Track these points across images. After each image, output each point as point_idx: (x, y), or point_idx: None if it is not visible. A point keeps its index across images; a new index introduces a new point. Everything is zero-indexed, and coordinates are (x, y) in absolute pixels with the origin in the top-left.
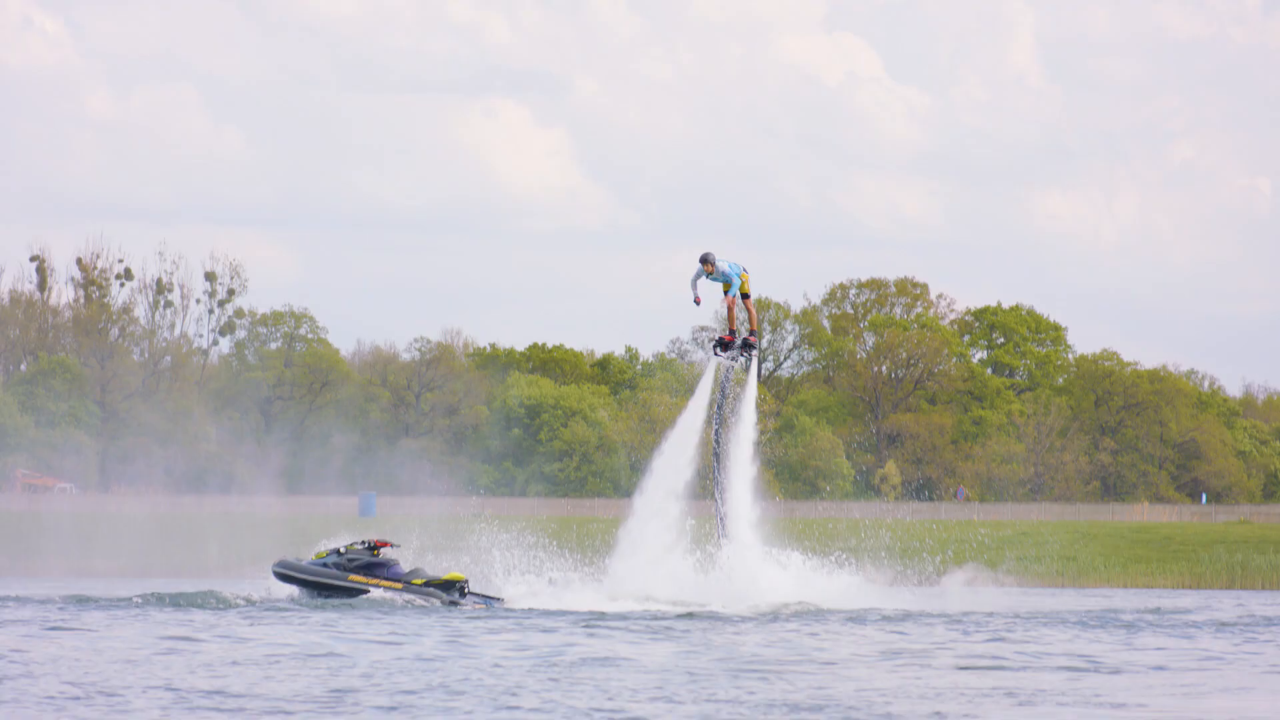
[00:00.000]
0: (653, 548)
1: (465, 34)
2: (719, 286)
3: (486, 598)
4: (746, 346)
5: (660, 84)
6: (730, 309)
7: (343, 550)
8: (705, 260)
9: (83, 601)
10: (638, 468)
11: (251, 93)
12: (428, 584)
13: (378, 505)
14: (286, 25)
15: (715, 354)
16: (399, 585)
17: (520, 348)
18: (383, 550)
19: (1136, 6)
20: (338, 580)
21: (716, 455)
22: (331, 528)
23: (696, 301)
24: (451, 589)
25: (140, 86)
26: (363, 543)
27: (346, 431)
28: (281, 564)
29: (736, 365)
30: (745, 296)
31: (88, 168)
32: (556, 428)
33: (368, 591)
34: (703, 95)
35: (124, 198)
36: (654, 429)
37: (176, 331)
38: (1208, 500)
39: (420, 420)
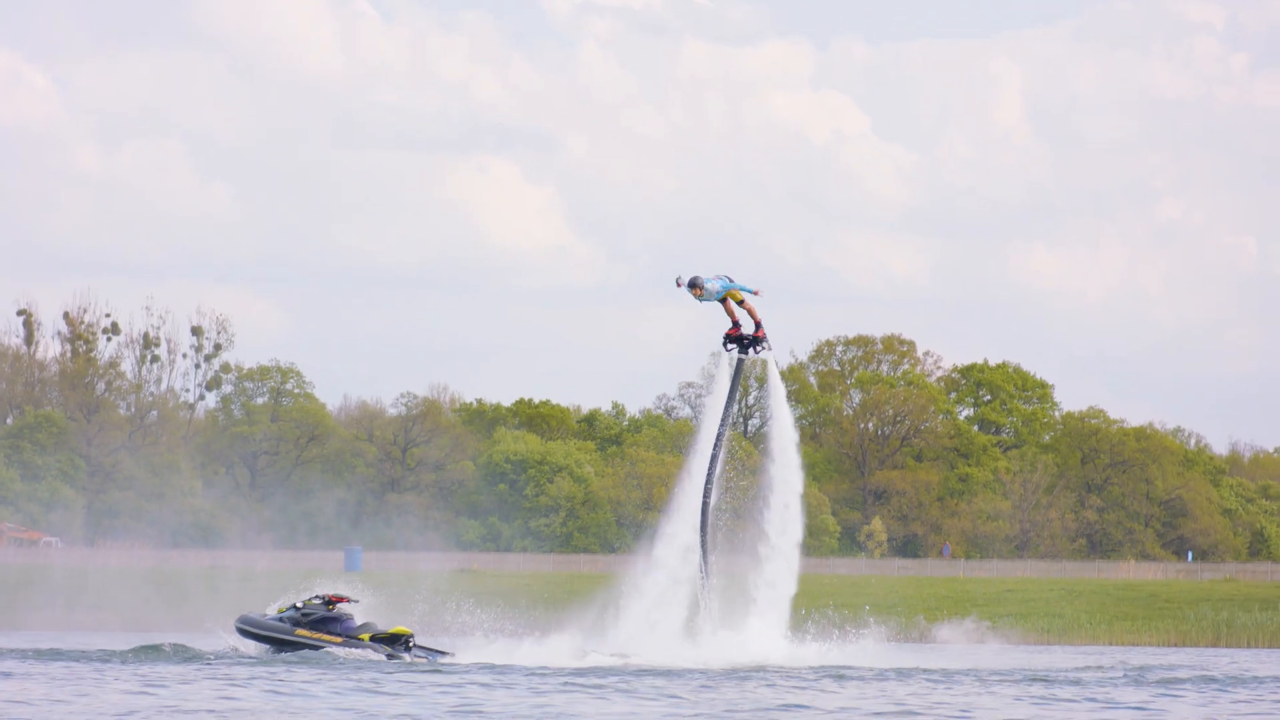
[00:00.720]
0: (648, 598)
1: (455, 91)
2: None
3: (432, 651)
4: (755, 343)
5: (649, 141)
6: (730, 312)
7: (300, 605)
8: (694, 285)
9: (56, 655)
10: (624, 523)
11: (240, 149)
12: (374, 638)
13: (364, 560)
14: (275, 82)
15: (725, 348)
16: (338, 639)
17: (507, 403)
18: (339, 605)
19: (1123, 65)
20: (286, 635)
21: (706, 502)
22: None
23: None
24: (397, 643)
25: (128, 142)
26: (319, 598)
27: (333, 486)
28: (242, 619)
29: (755, 357)
30: (741, 302)
31: (75, 222)
32: (543, 483)
33: (317, 647)
34: (691, 153)
35: (111, 252)
36: (641, 485)
37: (163, 386)
38: (1194, 558)
39: (407, 475)
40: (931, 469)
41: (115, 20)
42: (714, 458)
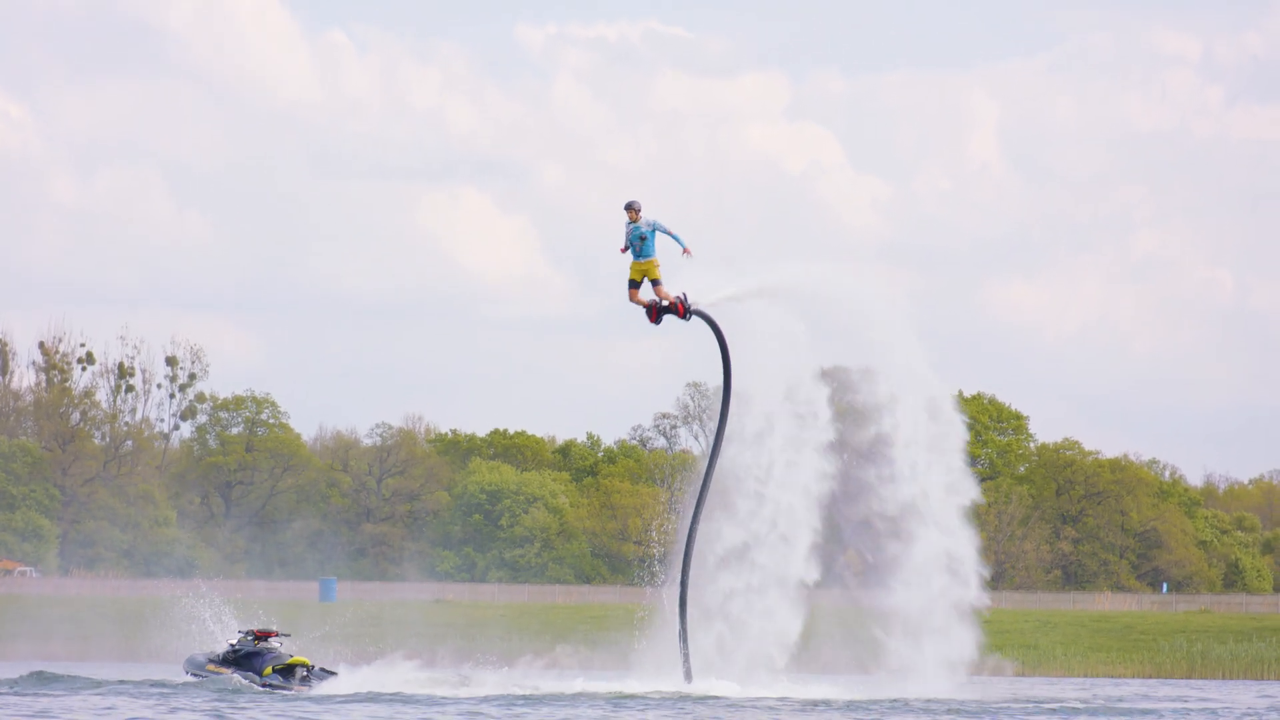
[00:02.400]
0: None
1: (429, 121)
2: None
3: (325, 671)
4: (669, 310)
5: (624, 172)
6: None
7: (234, 641)
8: (631, 207)
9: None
10: (599, 554)
11: (215, 178)
12: (274, 669)
13: (338, 590)
14: (250, 111)
15: (655, 322)
16: (227, 671)
17: (482, 433)
18: (270, 639)
19: (1099, 98)
20: (200, 672)
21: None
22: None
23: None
24: (290, 673)
25: (104, 171)
26: (248, 633)
27: (307, 517)
28: (187, 659)
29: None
30: (656, 283)
31: (50, 251)
32: (518, 514)
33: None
34: (666, 184)
35: (87, 282)
36: (616, 516)
37: (138, 416)
38: (1169, 590)
39: (381, 506)
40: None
41: (91, 49)
42: (704, 488)
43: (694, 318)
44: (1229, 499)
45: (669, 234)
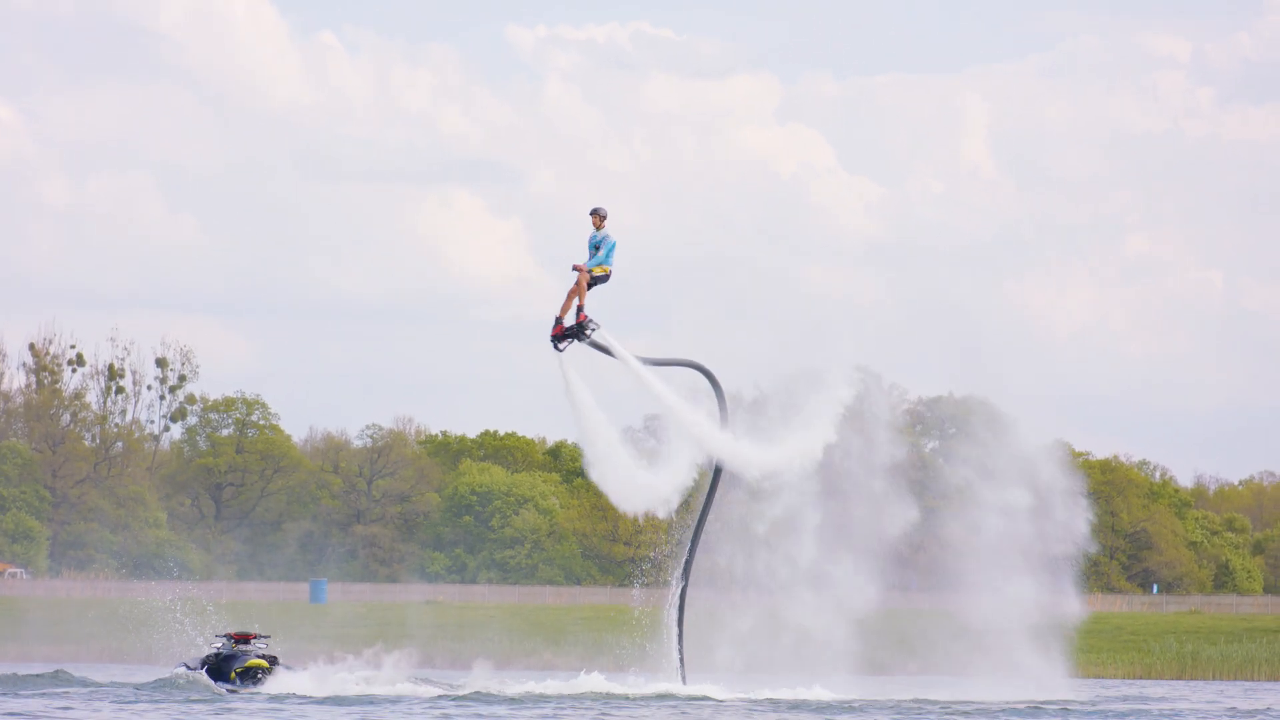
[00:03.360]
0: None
1: (421, 124)
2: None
3: (284, 667)
4: (583, 328)
5: (615, 175)
6: (579, 292)
7: (218, 645)
8: (596, 213)
9: None
10: (590, 556)
11: (207, 181)
12: (237, 673)
13: (329, 592)
14: (242, 114)
15: (559, 348)
16: (202, 675)
17: (472, 435)
18: (250, 641)
19: (1090, 100)
20: (174, 679)
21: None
22: (281, 614)
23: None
24: (247, 675)
25: (96, 174)
26: (226, 636)
27: (298, 518)
28: (181, 662)
29: (589, 339)
30: (592, 284)
31: (42, 254)
32: (508, 515)
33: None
34: (658, 186)
35: (78, 284)
36: (606, 517)
37: (128, 417)
38: (1159, 590)
39: (372, 507)
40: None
41: (84, 52)
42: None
43: (588, 342)
44: (1219, 500)
45: (601, 259)
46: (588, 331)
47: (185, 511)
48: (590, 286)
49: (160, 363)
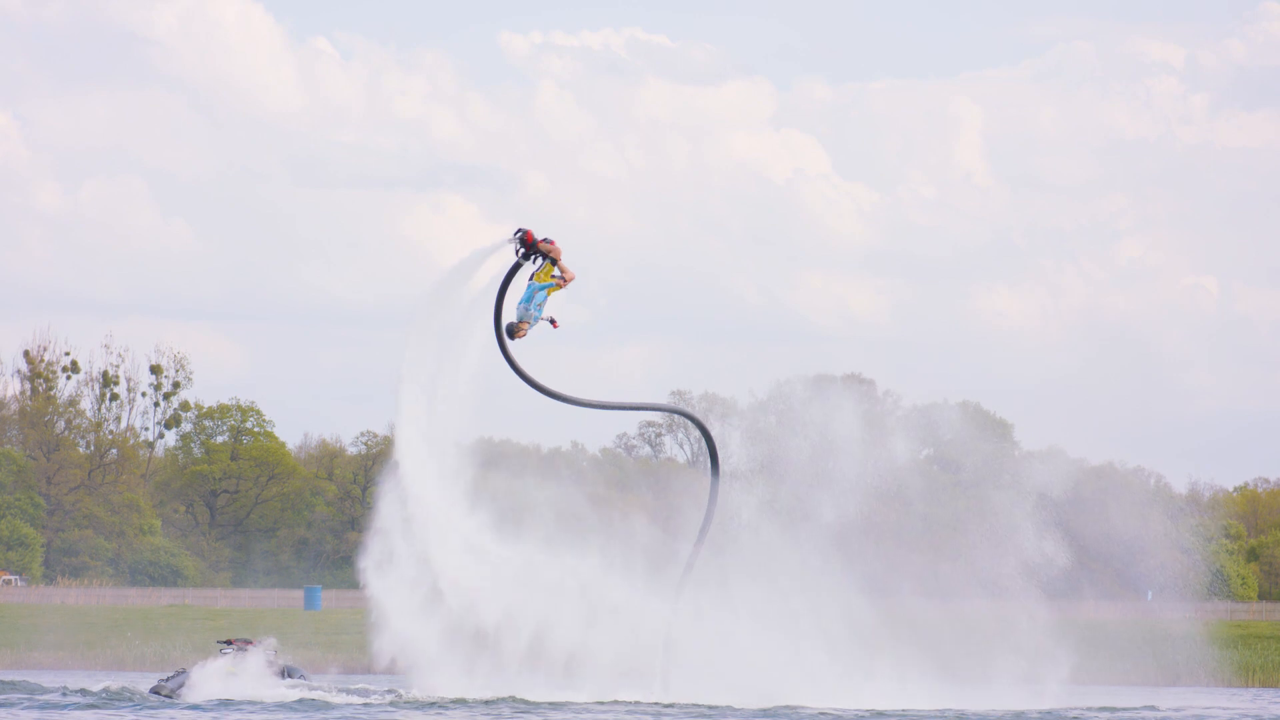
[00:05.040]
0: None
1: (413, 129)
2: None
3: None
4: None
5: (608, 181)
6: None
7: (225, 651)
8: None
9: None
10: None
11: (200, 187)
12: None
13: (323, 599)
14: (235, 120)
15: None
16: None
17: (466, 441)
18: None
19: (1083, 105)
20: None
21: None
22: (275, 621)
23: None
24: None
25: (89, 180)
26: (225, 642)
27: (292, 525)
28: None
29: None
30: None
31: (36, 260)
32: None
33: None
34: (651, 192)
35: (72, 290)
36: None
37: (122, 424)
38: (1152, 597)
39: (366, 513)
40: (889, 507)
41: (76, 58)
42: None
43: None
44: (1213, 507)
45: (529, 298)
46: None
47: (179, 518)
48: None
49: (154, 369)
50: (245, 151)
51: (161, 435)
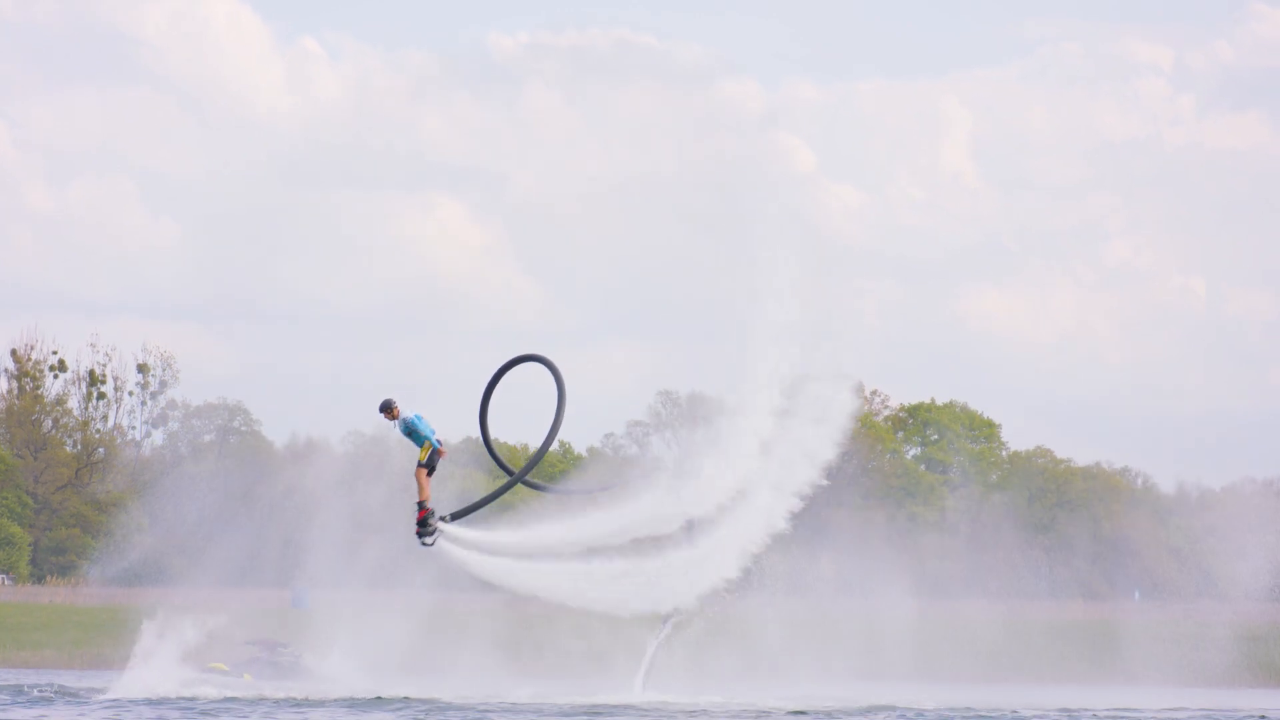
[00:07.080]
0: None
1: (401, 130)
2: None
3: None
4: (423, 526)
5: (597, 180)
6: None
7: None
8: (386, 408)
9: None
10: None
11: (189, 187)
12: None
13: (311, 598)
14: (224, 120)
15: (425, 543)
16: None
17: (455, 441)
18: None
19: (1072, 106)
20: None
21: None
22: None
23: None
24: None
25: (77, 179)
26: (250, 642)
27: (281, 524)
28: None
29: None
30: (423, 466)
31: (23, 259)
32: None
33: None
34: (639, 193)
35: (60, 289)
36: None
37: (110, 423)
38: (1140, 597)
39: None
40: (878, 508)
41: (64, 57)
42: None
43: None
44: (1201, 507)
45: (420, 434)
46: (432, 524)
47: (167, 517)
48: (432, 470)
49: (142, 368)
50: (234, 151)
51: (149, 434)
